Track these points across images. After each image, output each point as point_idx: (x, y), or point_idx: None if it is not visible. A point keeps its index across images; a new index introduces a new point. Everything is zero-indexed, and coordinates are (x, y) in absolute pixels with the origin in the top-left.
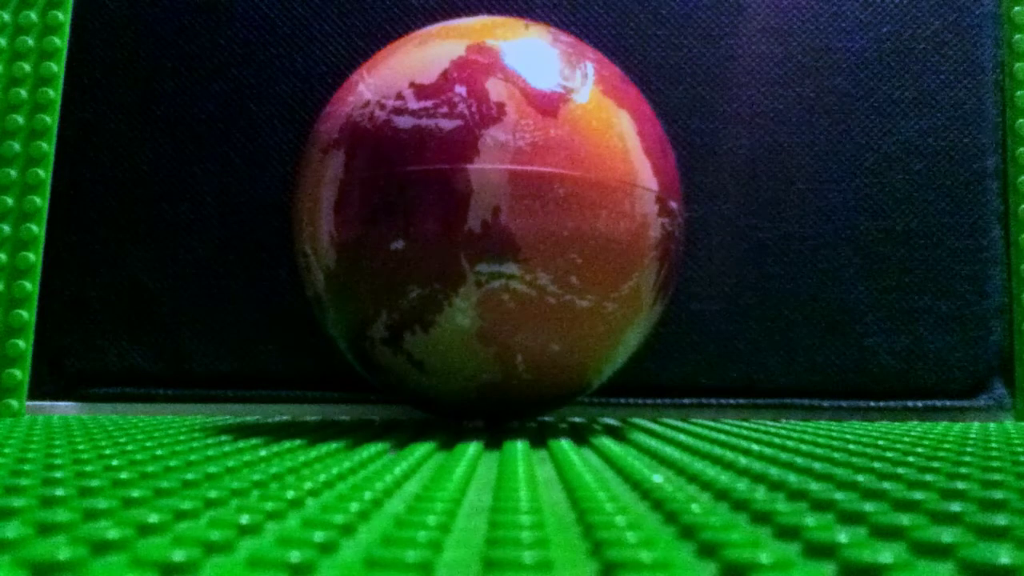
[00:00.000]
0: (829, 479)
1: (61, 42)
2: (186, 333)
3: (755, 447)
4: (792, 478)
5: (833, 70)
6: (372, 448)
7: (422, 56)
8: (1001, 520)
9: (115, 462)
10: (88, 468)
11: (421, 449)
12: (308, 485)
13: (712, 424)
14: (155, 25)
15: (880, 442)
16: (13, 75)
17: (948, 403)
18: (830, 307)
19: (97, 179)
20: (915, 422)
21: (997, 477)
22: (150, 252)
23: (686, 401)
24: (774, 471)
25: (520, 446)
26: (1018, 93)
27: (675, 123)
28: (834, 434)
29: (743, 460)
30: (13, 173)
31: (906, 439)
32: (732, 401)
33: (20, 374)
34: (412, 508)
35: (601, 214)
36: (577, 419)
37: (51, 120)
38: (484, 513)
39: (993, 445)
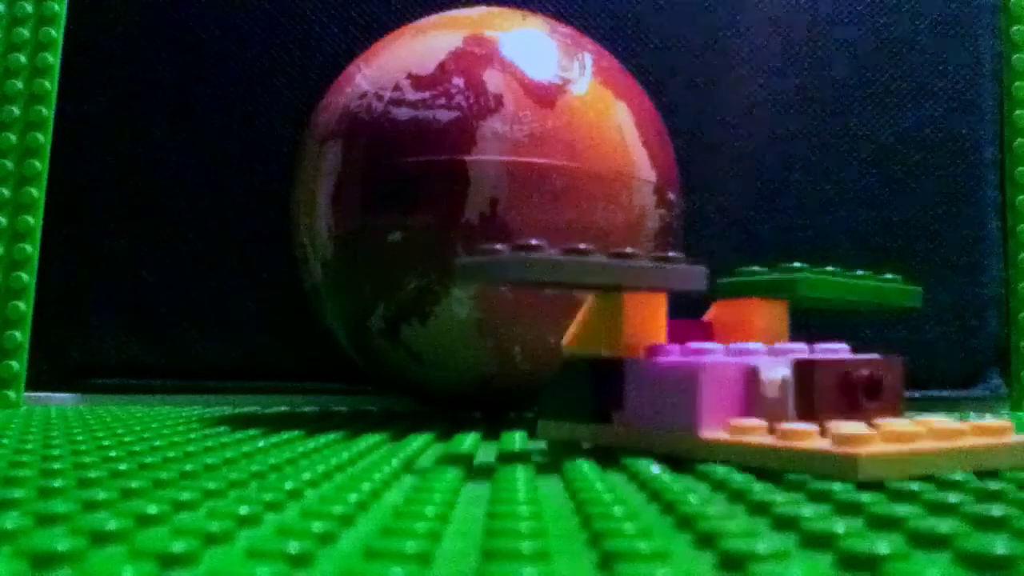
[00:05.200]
0: None
1: (57, 33)
2: (184, 325)
3: None
4: None
5: (831, 61)
6: (370, 439)
7: (419, 47)
8: (997, 511)
9: (113, 453)
10: (86, 459)
11: (419, 440)
12: (307, 476)
13: None
14: (152, 16)
15: None
16: (8, 66)
17: (944, 393)
18: None
19: (94, 171)
20: (912, 412)
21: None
22: (147, 243)
23: None
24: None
25: (518, 437)
26: (1016, 84)
27: (673, 114)
28: None
29: None
30: (10, 164)
31: None
32: None
33: (17, 365)
34: (410, 499)
35: (599, 205)
36: None
37: (47, 111)
38: (482, 504)
39: None
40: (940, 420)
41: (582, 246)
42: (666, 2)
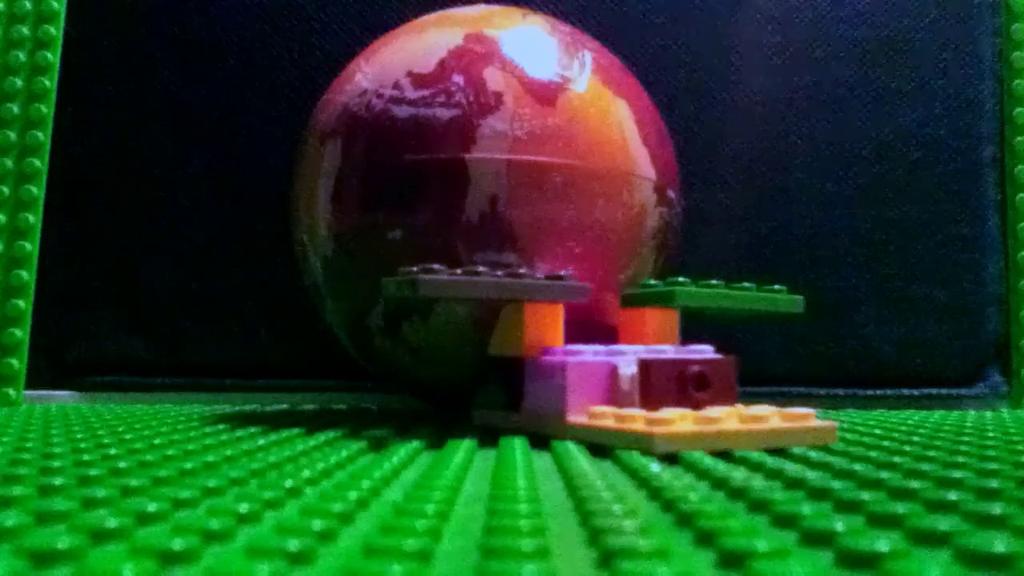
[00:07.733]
0: (826, 467)
1: (56, 31)
2: (184, 322)
3: None
4: (789, 467)
5: (831, 59)
6: (370, 436)
7: (420, 45)
8: (997, 509)
9: (113, 451)
10: (86, 457)
11: (419, 437)
12: (306, 474)
13: None
14: (152, 13)
15: (876, 430)
16: (8, 64)
17: (944, 391)
18: (827, 296)
19: (94, 168)
20: (911, 410)
21: (993, 466)
22: (147, 241)
23: None
24: (770, 460)
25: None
26: (1016, 82)
27: (673, 112)
28: None
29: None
30: (9, 163)
31: (903, 427)
32: None
33: (17, 363)
34: (410, 496)
35: (599, 203)
36: None
37: (47, 110)
38: (482, 501)
39: (989, 433)
40: (757, 408)
41: (479, 268)
42: (666, 0)
